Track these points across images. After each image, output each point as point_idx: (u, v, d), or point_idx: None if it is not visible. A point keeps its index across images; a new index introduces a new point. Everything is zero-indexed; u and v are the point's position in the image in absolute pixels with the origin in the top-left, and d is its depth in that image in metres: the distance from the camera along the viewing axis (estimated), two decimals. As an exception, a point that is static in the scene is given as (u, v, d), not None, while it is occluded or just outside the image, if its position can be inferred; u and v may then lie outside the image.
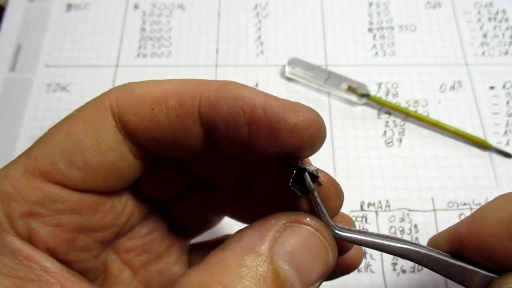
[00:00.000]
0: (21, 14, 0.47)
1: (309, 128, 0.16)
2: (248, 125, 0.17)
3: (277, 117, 0.16)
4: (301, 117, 0.16)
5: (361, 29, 0.47)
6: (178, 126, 0.17)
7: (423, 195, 0.38)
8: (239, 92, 0.17)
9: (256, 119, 0.16)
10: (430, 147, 0.40)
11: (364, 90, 0.41)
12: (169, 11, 0.48)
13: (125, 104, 0.18)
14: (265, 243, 0.16)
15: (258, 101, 0.16)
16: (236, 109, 0.17)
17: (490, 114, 0.42)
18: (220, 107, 0.17)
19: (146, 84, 0.18)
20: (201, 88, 0.17)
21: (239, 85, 0.17)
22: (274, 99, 0.17)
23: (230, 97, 0.17)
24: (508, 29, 0.46)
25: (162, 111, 0.17)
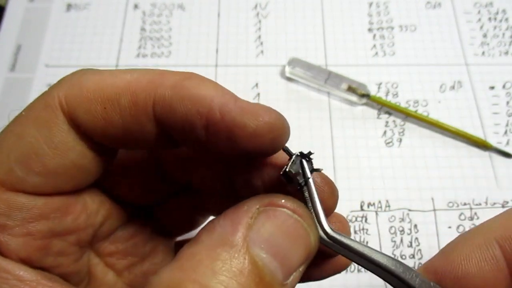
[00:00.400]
0: (21, 14, 0.47)
1: (270, 132, 0.16)
2: (205, 128, 0.16)
3: (236, 122, 0.15)
4: (261, 121, 0.15)
5: (361, 29, 0.47)
6: (133, 124, 0.17)
7: (423, 195, 0.38)
8: (196, 91, 0.16)
9: (213, 123, 0.16)
10: (430, 147, 0.40)
11: (364, 90, 0.41)
12: (169, 11, 0.48)
13: (75, 101, 0.16)
14: (238, 232, 0.15)
15: (216, 103, 0.15)
16: (192, 111, 0.16)
17: (490, 114, 0.42)
18: (175, 108, 0.16)
19: (97, 77, 0.17)
20: (155, 84, 0.16)
21: (197, 82, 0.16)
22: (233, 100, 0.16)
23: (186, 97, 0.16)
24: (508, 29, 0.46)
25: (114, 110, 0.16)
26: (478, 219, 0.37)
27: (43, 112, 0.17)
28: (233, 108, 0.15)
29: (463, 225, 0.37)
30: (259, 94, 0.43)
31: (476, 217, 0.37)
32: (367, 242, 0.36)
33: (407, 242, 0.36)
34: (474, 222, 0.37)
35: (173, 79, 0.16)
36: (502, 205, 0.38)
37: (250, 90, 0.43)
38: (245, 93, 0.43)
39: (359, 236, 0.37)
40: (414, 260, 0.36)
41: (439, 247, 0.36)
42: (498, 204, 0.38)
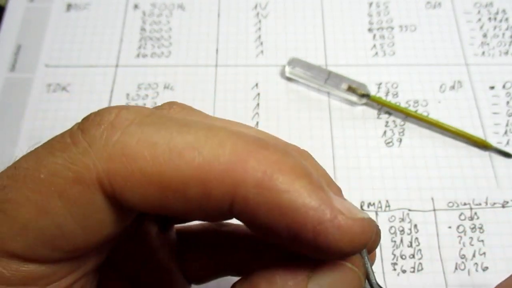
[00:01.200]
0: (21, 14, 0.47)
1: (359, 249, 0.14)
2: (290, 240, 0.14)
3: (329, 246, 0.13)
4: (357, 248, 0.14)
5: (361, 29, 0.47)
6: (198, 213, 0.14)
7: (423, 195, 0.38)
8: (288, 199, 0.13)
9: (303, 240, 0.13)
10: (430, 147, 0.40)
11: (364, 90, 0.41)
12: (169, 11, 0.48)
13: (124, 183, 0.13)
14: (298, 283, 0.14)
15: (310, 219, 0.13)
16: (279, 224, 0.13)
17: (490, 114, 0.42)
18: (258, 215, 0.13)
19: (152, 150, 0.13)
20: (235, 177, 0.13)
21: (288, 180, 0.13)
22: (330, 214, 0.13)
23: (274, 205, 0.13)
24: (508, 29, 0.46)
25: (178, 200, 0.13)
26: (478, 219, 0.37)
27: (74, 187, 0.13)
28: (330, 229, 0.13)
29: (463, 225, 0.37)
30: (259, 94, 0.43)
31: (476, 217, 0.37)
32: (367, 242, 0.36)
33: (407, 242, 0.36)
34: (474, 222, 0.37)
35: (259, 171, 0.13)
36: (502, 205, 0.38)
37: (250, 90, 0.43)
38: (245, 93, 0.43)
39: (359, 236, 0.37)
40: (414, 260, 0.36)
41: (439, 247, 0.36)
42: (498, 204, 0.38)
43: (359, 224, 0.14)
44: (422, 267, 0.36)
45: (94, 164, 0.13)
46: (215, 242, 0.22)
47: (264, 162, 0.13)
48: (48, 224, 0.13)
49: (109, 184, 0.13)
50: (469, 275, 0.35)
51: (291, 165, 0.13)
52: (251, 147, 0.13)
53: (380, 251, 0.36)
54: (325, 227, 0.13)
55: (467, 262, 0.36)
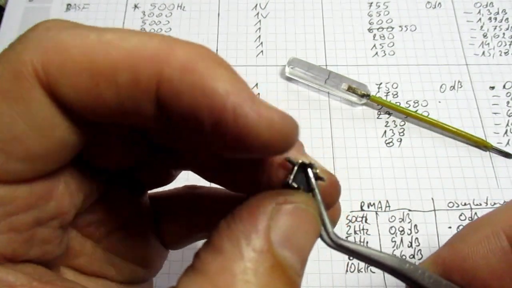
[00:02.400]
0: (21, 14, 0.47)
1: (284, 143, 0.14)
2: (213, 126, 0.14)
3: (249, 128, 0.14)
4: (276, 132, 0.14)
5: (361, 29, 0.47)
6: (129, 103, 0.14)
7: (423, 195, 0.38)
8: (210, 81, 0.13)
9: (224, 123, 0.14)
10: (430, 147, 0.40)
11: (364, 90, 0.41)
12: (169, 11, 0.48)
13: (57, 72, 0.13)
14: (261, 236, 0.15)
15: (231, 102, 0.13)
16: (202, 104, 0.14)
17: (490, 114, 0.42)
18: (182, 96, 0.14)
19: (83, 40, 0.14)
20: (162, 60, 0.14)
21: (212, 66, 0.14)
22: (250, 101, 0.14)
23: (197, 86, 0.13)
24: (508, 29, 0.46)
25: (109, 87, 0.14)
26: (478, 219, 0.37)
27: (14, 84, 0.14)
28: (249, 112, 0.14)
29: (463, 225, 0.37)
30: (259, 94, 0.43)
31: (476, 217, 0.37)
32: (367, 242, 0.36)
33: (407, 242, 0.36)
34: (474, 222, 0.37)
35: (184, 57, 0.14)
36: (502, 205, 0.38)
37: (250, 90, 0.43)
38: (245, 93, 0.43)
39: (359, 236, 0.37)
40: (414, 260, 0.36)
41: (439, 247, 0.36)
42: (498, 205, 0.38)
43: (279, 114, 0.14)
44: (422, 267, 0.35)
45: (31, 59, 0.13)
46: (188, 205, 0.22)
47: (190, 51, 0.14)
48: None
49: (45, 76, 0.13)
50: (469, 275, 0.35)
51: (215, 57, 0.14)
52: (178, 40, 0.14)
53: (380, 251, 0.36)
54: (245, 112, 0.14)
55: (467, 263, 0.36)
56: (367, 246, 0.18)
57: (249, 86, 0.15)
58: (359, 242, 0.36)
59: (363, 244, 0.36)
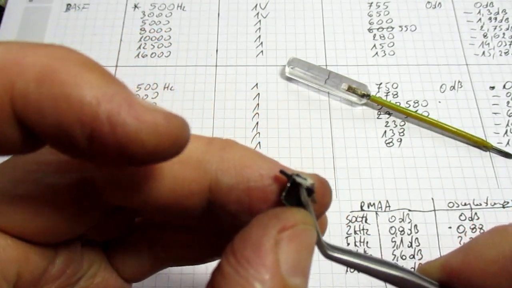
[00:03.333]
0: (21, 14, 0.47)
1: (173, 146, 0.13)
2: (88, 140, 0.12)
3: (131, 138, 0.12)
4: (163, 136, 0.12)
5: (361, 29, 0.47)
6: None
7: (423, 195, 0.38)
8: (75, 89, 0.11)
9: (101, 136, 0.12)
10: (430, 147, 0.40)
11: (364, 90, 0.41)
12: (169, 11, 0.48)
13: None
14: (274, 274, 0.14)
15: (103, 110, 0.11)
16: (69, 119, 0.11)
17: (490, 114, 0.42)
18: (44, 111, 0.11)
19: None
20: (12, 71, 0.11)
21: (75, 69, 0.12)
22: (126, 105, 0.12)
23: (60, 98, 0.11)
24: (508, 29, 0.46)
25: None
26: (478, 219, 0.37)
27: None
28: (127, 119, 0.12)
29: (463, 225, 0.37)
30: (259, 94, 0.43)
31: (477, 217, 0.37)
32: (367, 242, 0.36)
33: (407, 243, 0.36)
34: (474, 222, 0.37)
35: (39, 63, 0.11)
36: (502, 206, 0.38)
37: (250, 90, 0.43)
38: (245, 93, 0.43)
39: (359, 236, 0.37)
40: (414, 260, 0.36)
41: (440, 247, 0.36)
42: (498, 205, 0.38)
43: (163, 115, 0.12)
44: (422, 267, 0.35)
45: None
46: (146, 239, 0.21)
47: (46, 55, 0.12)
48: None
49: None
50: (469, 275, 0.35)
51: (79, 58, 0.12)
52: (29, 45, 0.12)
53: (380, 251, 0.36)
54: (122, 118, 0.12)
55: (467, 263, 0.35)
56: (365, 254, 0.17)
57: (126, 86, 0.13)
58: (359, 244, 0.36)
59: (364, 249, 0.36)
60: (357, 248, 0.36)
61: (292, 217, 0.15)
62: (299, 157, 0.40)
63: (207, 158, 0.16)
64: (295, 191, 0.16)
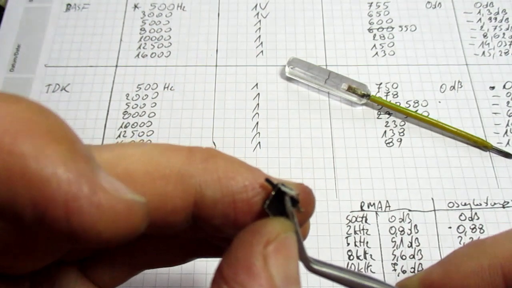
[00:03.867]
0: (21, 14, 0.47)
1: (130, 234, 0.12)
2: (37, 220, 0.11)
3: (85, 227, 0.11)
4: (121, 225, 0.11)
5: (361, 29, 0.47)
6: None
7: (423, 195, 0.38)
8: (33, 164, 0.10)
9: (53, 220, 0.11)
10: (430, 147, 0.40)
11: (364, 90, 0.41)
12: (169, 11, 0.48)
13: None
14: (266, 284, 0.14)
15: (61, 193, 0.10)
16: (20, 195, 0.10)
17: (490, 114, 0.42)
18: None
19: None
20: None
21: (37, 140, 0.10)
22: (89, 189, 0.11)
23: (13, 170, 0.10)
24: (508, 29, 0.46)
25: None
26: (478, 219, 0.37)
27: None
28: (85, 207, 0.11)
29: (463, 225, 0.37)
30: (259, 94, 0.43)
31: (477, 217, 0.37)
32: (367, 242, 0.36)
33: (407, 243, 0.36)
34: (474, 222, 0.37)
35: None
36: (502, 206, 0.38)
37: (250, 90, 0.43)
38: (245, 93, 0.43)
39: (359, 236, 0.37)
40: (414, 260, 0.36)
41: (439, 247, 0.36)
42: (498, 205, 0.38)
43: (124, 204, 0.12)
44: (423, 267, 0.35)
45: None
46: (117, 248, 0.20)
47: (7, 119, 0.10)
48: None
49: None
50: (469, 275, 0.35)
51: (47, 124, 0.11)
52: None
53: (380, 251, 0.36)
54: (80, 205, 0.11)
55: (467, 263, 0.36)
56: (349, 269, 0.17)
57: (93, 162, 0.11)
58: (359, 244, 0.36)
59: (364, 249, 0.36)
60: (357, 248, 0.36)
61: (273, 229, 0.15)
62: (299, 157, 0.40)
63: (190, 171, 0.15)
64: (279, 201, 0.16)
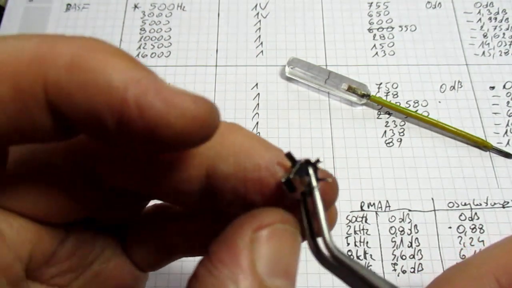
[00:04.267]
0: (21, 14, 0.47)
1: (201, 128, 0.13)
2: (117, 125, 0.12)
3: (158, 120, 0.12)
4: (189, 117, 0.12)
5: (361, 29, 0.47)
6: (20, 116, 0.13)
7: (423, 195, 0.38)
8: (103, 76, 0.12)
9: (129, 120, 0.12)
10: (430, 147, 0.40)
11: (364, 90, 0.41)
12: (169, 11, 0.48)
13: None
14: (249, 274, 0.13)
15: (131, 94, 0.12)
16: (98, 104, 0.12)
17: (490, 114, 0.42)
18: (75, 98, 0.12)
19: None
20: (45, 62, 0.12)
21: (102, 57, 0.12)
22: (153, 88, 0.12)
23: (89, 84, 0.12)
24: (508, 29, 0.46)
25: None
26: (478, 219, 0.37)
27: None
28: (154, 102, 0.12)
29: (463, 225, 0.37)
30: (259, 94, 0.43)
31: (477, 217, 0.37)
32: (367, 242, 0.36)
33: (407, 243, 0.36)
34: (474, 222, 0.37)
35: (68, 53, 0.12)
36: (502, 206, 0.38)
37: (250, 90, 0.43)
38: (245, 93, 0.43)
39: (359, 236, 0.37)
40: (414, 260, 0.36)
41: (439, 247, 0.36)
42: (498, 205, 0.38)
43: (192, 98, 0.12)
44: (422, 267, 0.36)
45: None
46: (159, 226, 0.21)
47: (75, 45, 0.12)
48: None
49: None
50: (469, 275, 0.35)
51: (108, 48, 0.13)
52: (60, 37, 0.13)
53: (380, 251, 0.36)
54: (150, 101, 0.12)
55: (467, 263, 0.36)
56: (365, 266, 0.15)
57: (154, 73, 0.13)
58: (359, 244, 0.36)
59: (364, 249, 0.36)
60: (357, 248, 0.36)
61: (269, 216, 0.15)
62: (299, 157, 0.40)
63: (208, 143, 0.14)
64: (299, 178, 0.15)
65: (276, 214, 0.15)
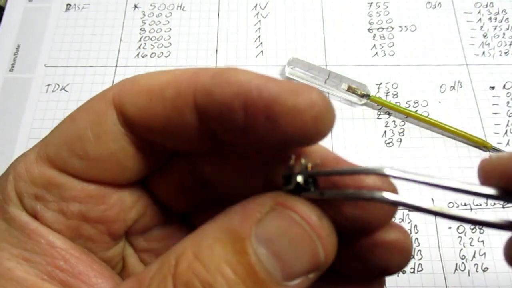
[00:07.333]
0: (20, 14, 0.47)
1: (311, 109, 0.15)
2: (243, 109, 0.16)
3: (274, 99, 0.15)
4: (301, 97, 0.15)
5: (361, 29, 0.47)
6: (174, 115, 0.17)
7: (423, 196, 0.38)
8: (234, 77, 0.16)
9: (252, 103, 0.15)
10: (430, 147, 0.40)
11: (364, 90, 0.41)
12: (169, 11, 0.48)
13: (126, 95, 0.18)
14: (245, 223, 0.15)
15: (253, 84, 0.15)
16: (229, 93, 0.16)
17: (490, 114, 0.42)
18: (214, 93, 0.16)
19: (149, 75, 0.18)
20: (198, 76, 0.17)
21: (237, 70, 0.16)
22: (273, 81, 0.16)
23: (224, 82, 0.16)
24: (508, 29, 0.46)
25: (159, 102, 0.17)
26: (478, 220, 0.37)
27: (97, 102, 0.18)
28: (271, 86, 0.15)
29: (463, 225, 0.37)
30: (259, 94, 0.43)
31: (476, 217, 0.37)
32: (367, 242, 0.36)
33: (407, 243, 0.36)
34: (474, 222, 0.37)
35: (214, 70, 0.17)
36: (502, 206, 0.38)
37: (250, 90, 0.43)
38: (245, 93, 0.43)
39: (359, 237, 0.37)
40: (414, 260, 0.36)
41: (439, 247, 0.36)
42: (498, 205, 0.38)
43: (301, 85, 0.16)
44: (422, 267, 0.35)
45: (113, 90, 0.18)
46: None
47: (218, 68, 0.17)
48: (72, 128, 0.18)
49: (118, 98, 0.18)
50: (469, 275, 0.35)
51: (242, 69, 0.17)
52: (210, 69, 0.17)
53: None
54: (267, 87, 0.15)
55: (467, 263, 0.36)
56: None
57: (274, 77, 0.16)
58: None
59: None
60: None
61: (296, 202, 0.16)
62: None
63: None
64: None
65: (305, 207, 0.16)
